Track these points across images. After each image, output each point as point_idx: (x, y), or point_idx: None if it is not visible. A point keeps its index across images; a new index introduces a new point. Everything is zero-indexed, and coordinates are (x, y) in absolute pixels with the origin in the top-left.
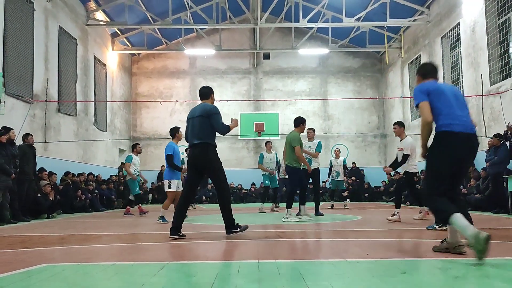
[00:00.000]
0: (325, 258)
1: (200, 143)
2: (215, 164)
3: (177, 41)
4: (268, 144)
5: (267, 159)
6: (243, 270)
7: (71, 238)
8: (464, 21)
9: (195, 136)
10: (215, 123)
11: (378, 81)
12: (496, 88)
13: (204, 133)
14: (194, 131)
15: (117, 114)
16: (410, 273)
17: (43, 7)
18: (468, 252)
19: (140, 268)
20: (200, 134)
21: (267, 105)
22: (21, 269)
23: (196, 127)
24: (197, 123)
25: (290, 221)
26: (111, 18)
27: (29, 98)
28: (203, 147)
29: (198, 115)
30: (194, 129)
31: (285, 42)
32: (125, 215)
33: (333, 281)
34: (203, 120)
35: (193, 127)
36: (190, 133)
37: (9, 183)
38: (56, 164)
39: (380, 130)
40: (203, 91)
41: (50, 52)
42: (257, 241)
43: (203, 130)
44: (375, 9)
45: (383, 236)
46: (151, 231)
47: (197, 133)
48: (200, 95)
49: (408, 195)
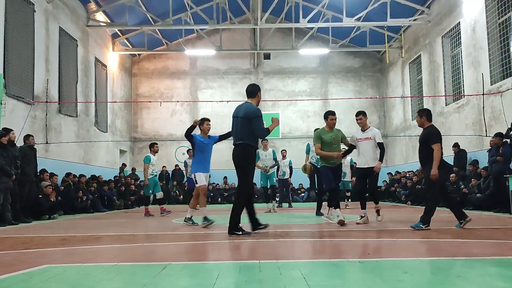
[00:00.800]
0: (326, 258)
1: (240, 143)
2: (245, 165)
3: (177, 41)
4: (263, 142)
5: (263, 156)
6: (245, 271)
7: (73, 239)
8: (465, 20)
9: (237, 136)
10: (254, 127)
11: (378, 81)
12: (497, 87)
13: (244, 135)
14: (237, 132)
15: (118, 115)
16: (412, 272)
17: (44, 8)
18: (468, 251)
19: (141, 268)
20: (241, 135)
21: (268, 105)
22: (22, 270)
23: (238, 128)
24: (239, 124)
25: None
26: (111, 19)
27: (30, 99)
28: (241, 148)
29: (241, 116)
30: (236, 129)
31: (286, 42)
32: (146, 215)
33: (334, 281)
34: (244, 122)
35: (236, 128)
36: (234, 133)
37: (10, 184)
38: (57, 165)
39: (381, 130)
40: (250, 89)
41: (50, 53)
42: (258, 241)
43: (244, 132)
44: (375, 9)
45: (384, 236)
46: (153, 232)
47: (239, 134)
48: (247, 93)
49: (408, 195)
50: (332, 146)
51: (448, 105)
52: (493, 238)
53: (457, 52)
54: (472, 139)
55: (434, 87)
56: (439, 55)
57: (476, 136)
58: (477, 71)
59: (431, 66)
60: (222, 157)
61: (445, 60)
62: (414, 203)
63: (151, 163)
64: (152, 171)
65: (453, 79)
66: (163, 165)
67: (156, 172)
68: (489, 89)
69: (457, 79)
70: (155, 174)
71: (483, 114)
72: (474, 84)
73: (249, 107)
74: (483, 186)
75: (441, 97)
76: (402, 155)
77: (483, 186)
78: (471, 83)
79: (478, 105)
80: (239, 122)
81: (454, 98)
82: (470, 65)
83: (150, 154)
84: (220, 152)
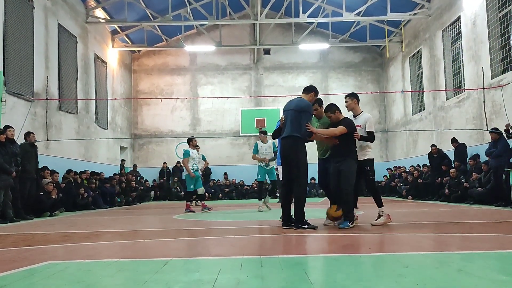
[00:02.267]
0: (327, 253)
1: (289, 136)
2: (296, 157)
3: (177, 37)
4: (262, 135)
5: (262, 149)
6: (246, 266)
7: (74, 235)
8: (465, 14)
9: (287, 128)
10: (302, 121)
11: (379, 76)
12: (497, 81)
13: (294, 127)
14: (287, 123)
15: (118, 111)
16: (413, 267)
17: (43, 5)
18: (469, 245)
19: (143, 264)
20: (290, 127)
21: (268, 101)
22: (24, 267)
23: (288, 120)
24: (289, 116)
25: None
26: (110, 16)
27: (30, 97)
28: (291, 140)
29: (292, 109)
30: (286, 121)
31: (286, 38)
32: (186, 211)
33: (336, 276)
34: (295, 114)
35: (286, 121)
36: (284, 126)
37: (10, 181)
38: (58, 162)
39: (381, 124)
40: (308, 87)
41: (50, 50)
42: (259, 236)
43: (293, 124)
44: (375, 3)
45: (385, 231)
46: (153, 228)
47: (289, 125)
48: (304, 89)
49: (409, 190)
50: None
51: (448, 99)
52: (494, 232)
53: (458, 46)
54: (473, 133)
55: (434, 82)
56: (440, 49)
57: (476, 130)
58: (478, 65)
59: (432, 61)
60: (223, 153)
61: (445, 54)
62: (415, 197)
63: (190, 157)
64: (193, 165)
65: (454, 73)
66: (163, 161)
67: (197, 166)
68: (490, 83)
69: (458, 73)
70: (196, 168)
71: (484, 108)
72: (475, 78)
73: (302, 101)
74: (484, 180)
75: (442, 92)
76: (402, 149)
77: (484, 180)
78: (472, 77)
79: (478, 99)
80: (289, 115)
81: (455, 92)
82: (471, 59)
83: (189, 148)
84: (220, 148)
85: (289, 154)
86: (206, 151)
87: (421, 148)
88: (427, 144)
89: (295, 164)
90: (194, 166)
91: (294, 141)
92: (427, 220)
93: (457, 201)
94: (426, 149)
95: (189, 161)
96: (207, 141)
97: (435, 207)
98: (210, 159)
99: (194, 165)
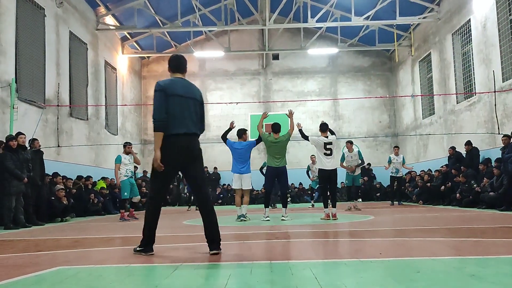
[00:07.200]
0: (338, 258)
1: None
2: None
3: (186, 43)
4: (348, 144)
5: (348, 157)
6: (256, 271)
7: (85, 241)
8: (475, 17)
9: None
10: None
11: (388, 80)
12: (509, 84)
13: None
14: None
15: (128, 117)
16: (424, 272)
17: (54, 13)
18: (481, 250)
19: (153, 270)
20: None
21: (277, 106)
22: (35, 272)
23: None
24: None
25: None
26: (120, 22)
27: (41, 103)
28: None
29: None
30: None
31: (294, 43)
32: (121, 220)
33: (346, 281)
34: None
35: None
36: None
37: (22, 187)
38: (69, 168)
39: (391, 129)
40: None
41: (61, 57)
42: (268, 242)
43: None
44: (384, 7)
45: (396, 236)
46: (163, 233)
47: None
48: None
49: (420, 194)
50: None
51: (459, 103)
52: (507, 237)
53: (468, 50)
54: (484, 137)
55: (444, 85)
56: (450, 53)
57: (488, 134)
58: (489, 68)
59: (442, 64)
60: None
61: (455, 58)
62: (426, 202)
63: (122, 162)
64: (126, 170)
65: (464, 76)
66: None
67: (131, 172)
68: (501, 86)
69: (468, 77)
70: (130, 175)
71: (495, 112)
72: (486, 81)
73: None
74: (496, 185)
75: (452, 95)
76: (413, 154)
77: (496, 184)
78: (482, 81)
79: (489, 102)
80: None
81: (465, 96)
82: (481, 62)
83: (122, 154)
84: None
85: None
86: (215, 156)
87: (431, 152)
88: (438, 148)
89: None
90: (128, 172)
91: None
92: (438, 225)
93: (468, 206)
94: (437, 153)
95: (120, 167)
96: (217, 146)
97: (447, 212)
98: (219, 164)
99: (127, 171)
